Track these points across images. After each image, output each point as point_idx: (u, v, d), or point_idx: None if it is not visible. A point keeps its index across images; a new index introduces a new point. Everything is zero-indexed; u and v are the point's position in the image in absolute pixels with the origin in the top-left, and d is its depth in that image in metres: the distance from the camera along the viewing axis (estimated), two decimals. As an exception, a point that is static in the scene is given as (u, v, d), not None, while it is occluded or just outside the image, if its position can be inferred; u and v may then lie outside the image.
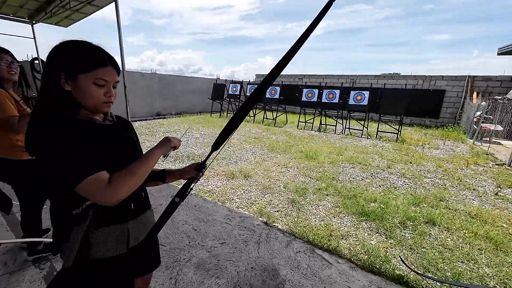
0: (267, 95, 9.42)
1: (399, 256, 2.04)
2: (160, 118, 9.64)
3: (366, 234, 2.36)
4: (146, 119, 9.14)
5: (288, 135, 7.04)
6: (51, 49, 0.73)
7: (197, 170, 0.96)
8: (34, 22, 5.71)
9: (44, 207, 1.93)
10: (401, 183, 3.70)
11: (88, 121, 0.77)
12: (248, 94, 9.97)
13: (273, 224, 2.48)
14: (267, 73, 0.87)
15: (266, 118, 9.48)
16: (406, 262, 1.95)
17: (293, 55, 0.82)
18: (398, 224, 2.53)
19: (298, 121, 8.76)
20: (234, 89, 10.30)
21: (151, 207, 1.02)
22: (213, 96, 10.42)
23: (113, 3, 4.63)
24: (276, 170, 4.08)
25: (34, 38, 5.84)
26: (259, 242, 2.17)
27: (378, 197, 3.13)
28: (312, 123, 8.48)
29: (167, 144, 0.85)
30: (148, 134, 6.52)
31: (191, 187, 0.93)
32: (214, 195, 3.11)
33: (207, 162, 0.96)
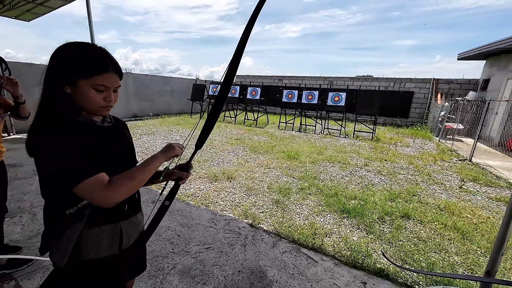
0: (248, 96, 9.43)
1: (380, 250, 2.14)
2: (137, 120, 9.21)
3: (348, 231, 2.45)
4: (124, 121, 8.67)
5: (269, 136, 7.10)
6: (53, 51, 0.73)
7: (183, 170, 0.98)
8: (-11, 14, 5.16)
9: (6, 219, 1.75)
10: (378, 180, 3.89)
11: (89, 123, 0.78)
12: (229, 94, 9.88)
13: (259, 225, 2.47)
14: (247, 74, 0.90)
15: (247, 119, 9.48)
16: (387, 256, 2.05)
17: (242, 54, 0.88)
18: (377, 220, 2.66)
19: (279, 122, 8.88)
20: (214, 89, 10.15)
21: (141, 210, 1.00)
22: (192, 96, 10.19)
23: (83, -3, 4.34)
24: (259, 171, 4.09)
25: (-10, 32, 5.28)
26: (245, 245, 2.15)
27: (357, 194, 3.27)
28: (293, 123, 8.64)
29: (171, 152, 0.85)
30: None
31: (178, 188, 0.95)
32: (197, 198, 3.03)
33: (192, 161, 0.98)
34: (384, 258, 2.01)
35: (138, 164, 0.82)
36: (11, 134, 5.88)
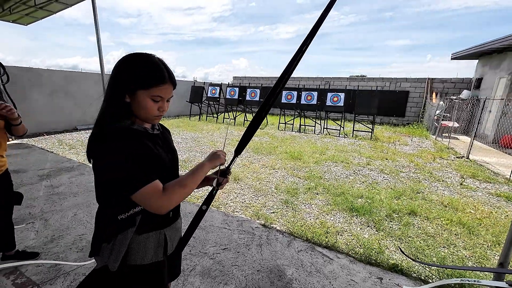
0: (248, 97, 9.48)
1: (394, 246, 2.21)
2: (136, 123, 9.16)
3: (358, 229, 2.51)
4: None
5: (270, 137, 7.16)
6: (117, 62, 0.79)
7: (221, 176, 0.98)
8: (-12, 19, 5.09)
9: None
10: (381, 179, 3.98)
11: (142, 131, 0.81)
12: (228, 96, 9.91)
13: (271, 225, 2.52)
14: (244, 75, 0.93)
15: (247, 120, 9.52)
16: (405, 252, 2.11)
17: (301, 55, 0.86)
18: (385, 217, 2.73)
19: (279, 123, 8.95)
20: (214, 91, 10.18)
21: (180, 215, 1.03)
22: (191, 99, 10.19)
23: (84, 1, 4.34)
24: (265, 172, 4.14)
25: (-12, 36, 5.20)
26: (261, 245, 2.19)
27: (363, 192, 3.34)
28: (292, 124, 8.72)
29: (216, 160, 0.88)
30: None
31: (215, 193, 0.96)
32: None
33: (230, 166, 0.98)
34: (399, 254, 2.07)
35: (186, 172, 0.84)
36: (11, 139, 5.79)
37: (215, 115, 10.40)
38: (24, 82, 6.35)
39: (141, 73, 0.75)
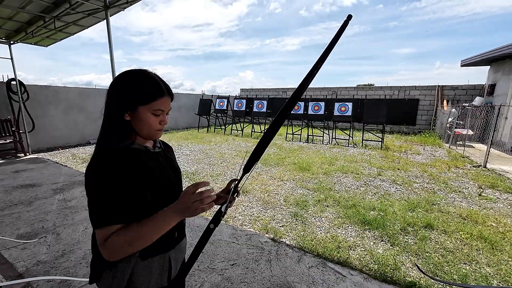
0: (255, 109, 9.57)
1: (410, 263, 2.10)
2: (146, 136, 9.37)
3: (372, 243, 2.41)
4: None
5: (278, 148, 7.13)
6: (113, 80, 0.77)
7: (228, 194, 0.94)
8: (12, 42, 5.46)
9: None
10: (394, 190, 3.85)
11: (142, 150, 0.79)
12: (235, 108, 10.04)
13: (281, 240, 2.46)
14: (251, 87, 0.89)
15: (254, 131, 9.57)
16: (423, 269, 2.00)
17: (316, 72, 0.81)
18: (399, 231, 2.62)
19: (286, 133, 8.93)
20: (221, 104, 10.35)
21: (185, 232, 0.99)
22: (199, 111, 10.39)
23: (99, 23, 4.58)
24: (273, 183, 4.10)
25: (12, 58, 5.56)
26: (270, 260, 2.13)
27: (375, 205, 3.23)
28: (300, 134, 8.68)
29: (193, 211, 0.65)
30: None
31: (224, 212, 0.90)
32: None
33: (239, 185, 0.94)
34: (416, 271, 1.96)
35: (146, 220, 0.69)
36: (28, 154, 6.03)
37: (223, 127, 10.51)
38: (42, 99, 6.69)
39: (140, 89, 0.74)
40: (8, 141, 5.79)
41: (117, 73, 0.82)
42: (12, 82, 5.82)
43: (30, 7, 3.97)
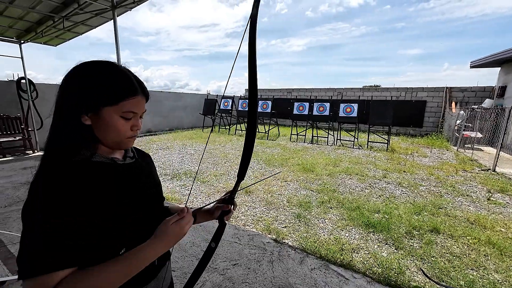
0: (259, 109, 9.57)
1: (414, 267, 2.06)
2: (152, 135, 9.46)
3: (376, 246, 2.37)
4: (138, 136, 8.93)
5: (282, 148, 7.11)
6: (67, 73, 0.59)
7: (226, 203, 0.84)
8: (22, 41, 5.58)
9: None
10: (399, 192, 3.79)
11: (108, 163, 0.62)
12: (240, 108, 10.06)
13: (283, 241, 2.44)
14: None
15: (259, 132, 9.56)
16: (428, 274, 1.96)
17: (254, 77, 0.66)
18: (404, 234, 2.57)
19: (291, 134, 8.90)
20: (226, 104, 10.39)
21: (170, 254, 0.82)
22: (204, 111, 10.44)
23: (107, 23, 4.65)
24: (276, 184, 4.08)
25: (22, 57, 5.69)
26: (272, 261, 2.12)
27: (380, 207, 3.19)
28: (304, 135, 8.64)
29: (176, 237, 0.61)
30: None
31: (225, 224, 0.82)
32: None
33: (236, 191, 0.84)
34: (421, 276, 1.92)
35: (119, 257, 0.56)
36: (36, 151, 6.15)
37: (227, 127, 10.53)
38: (50, 97, 6.81)
39: (106, 85, 0.58)
40: (17, 138, 5.92)
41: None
42: (22, 81, 5.95)
43: (40, 7, 4.05)
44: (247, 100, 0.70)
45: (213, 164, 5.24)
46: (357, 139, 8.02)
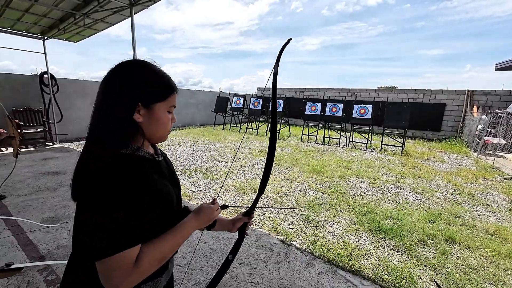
0: (270, 108, 9.52)
1: (433, 279, 1.98)
2: (164, 131, 9.65)
3: (386, 253, 2.30)
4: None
5: (292, 148, 7.05)
6: (111, 72, 0.61)
7: (245, 215, 0.94)
8: (45, 38, 5.83)
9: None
10: (413, 198, 3.66)
11: (150, 159, 0.65)
12: (251, 107, 10.05)
13: (291, 242, 2.42)
14: (267, 86, 0.94)
15: (269, 131, 9.51)
16: (442, 286, 1.88)
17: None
18: (417, 242, 2.48)
19: (302, 134, 8.80)
20: (238, 102, 10.41)
21: None
22: (216, 109, 10.51)
23: (125, 20, 4.76)
24: (286, 184, 4.05)
25: (45, 53, 5.95)
26: (279, 262, 2.10)
27: (392, 213, 3.09)
28: (316, 135, 8.52)
29: (209, 216, 0.71)
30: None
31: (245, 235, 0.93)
32: (226, 211, 3.05)
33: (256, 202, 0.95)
34: (434, 287, 1.84)
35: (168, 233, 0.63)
36: (55, 143, 6.43)
37: (238, 125, 10.57)
38: (70, 92, 7.09)
39: (156, 82, 0.63)
40: (38, 130, 6.21)
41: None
42: (45, 75, 6.23)
43: (63, 4, 4.21)
44: (269, 134, 0.92)
45: (223, 162, 5.27)
46: (370, 141, 7.82)
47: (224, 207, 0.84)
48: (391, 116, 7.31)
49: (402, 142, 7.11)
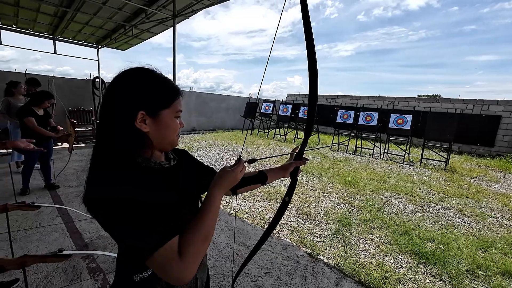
0: (300, 115, 9.39)
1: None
2: (195, 133, 10.09)
3: (427, 281, 2.07)
4: (183, 134, 9.64)
5: (322, 157, 6.83)
6: (118, 79, 0.60)
7: (296, 160, 0.98)
8: (99, 47, 6.54)
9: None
10: (460, 221, 3.27)
11: (159, 168, 0.64)
12: (280, 113, 10.03)
13: (318, 256, 2.31)
14: (298, 93, 0.96)
15: (298, 138, 9.37)
16: None
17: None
18: (465, 272, 2.19)
19: (332, 143, 8.49)
20: (267, 107, 10.47)
21: None
22: (245, 114, 10.69)
23: (167, 30, 5.12)
24: (314, 194, 3.92)
25: (98, 60, 6.67)
26: (305, 277, 2.02)
27: (435, 235, 2.79)
28: (347, 145, 8.15)
29: (232, 177, 0.66)
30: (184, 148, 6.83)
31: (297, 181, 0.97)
32: (253, 217, 3.05)
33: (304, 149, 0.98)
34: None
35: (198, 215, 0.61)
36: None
37: (266, 131, 10.60)
38: (116, 95, 7.82)
39: (159, 90, 0.61)
40: (88, 128, 6.94)
41: (176, 75, 0.78)
42: (96, 80, 6.97)
43: (116, 17, 4.69)
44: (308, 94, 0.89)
45: (249, 167, 5.31)
46: (409, 154, 7.23)
47: (252, 161, 0.82)
48: (434, 127, 6.70)
49: (446, 156, 6.45)
